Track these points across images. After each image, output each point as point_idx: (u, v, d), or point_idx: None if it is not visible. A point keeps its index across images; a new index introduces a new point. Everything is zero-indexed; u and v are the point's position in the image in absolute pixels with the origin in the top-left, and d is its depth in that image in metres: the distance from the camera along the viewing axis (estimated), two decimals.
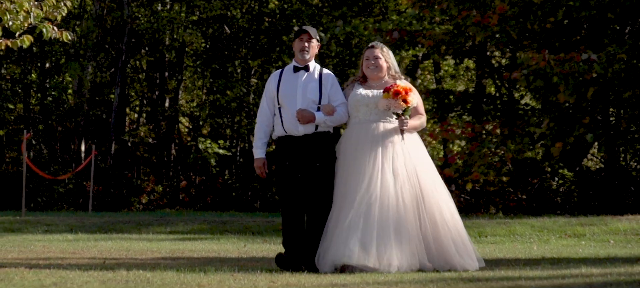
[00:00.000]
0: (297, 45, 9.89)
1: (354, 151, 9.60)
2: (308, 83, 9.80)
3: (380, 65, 9.74)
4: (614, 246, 14.18)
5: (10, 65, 29.35)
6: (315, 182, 9.68)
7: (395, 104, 9.49)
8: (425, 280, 9.47)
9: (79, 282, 9.84)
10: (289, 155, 9.73)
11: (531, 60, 19.26)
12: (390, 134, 9.61)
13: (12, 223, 17.74)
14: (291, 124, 9.71)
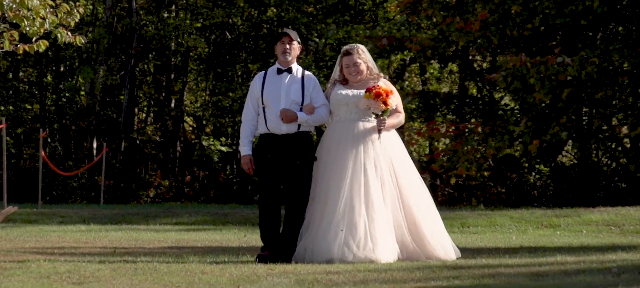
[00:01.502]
0: (279, 48, 9.80)
1: (335, 149, 9.51)
2: (291, 84, 9.69)
3: (360, 69, 9.59)
4: (586, 236, 14.18)
5: (27, 69, 29.33)
6: (294, 179, 9.57)
7: (375, 105, 9.40)
8: (412, 268, 9.46)
9: (91, 270, 9.83)
10: (271, 152, 9.63)
11: (509, 62, 19.29)
12: (370, 132, 9.50)
13: (29, 215, 17.73)
14: (274, 123, 9.61)
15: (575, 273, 8.95)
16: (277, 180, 9.62)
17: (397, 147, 9.68)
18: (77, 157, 28.78)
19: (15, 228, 15.27)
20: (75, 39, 12.53)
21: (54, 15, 12.21)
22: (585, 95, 19.94)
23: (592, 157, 21.61)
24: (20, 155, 29.02)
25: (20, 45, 12.13)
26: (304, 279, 8.76)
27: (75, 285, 8.90)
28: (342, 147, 9.47)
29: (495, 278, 8.86)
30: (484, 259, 10.29)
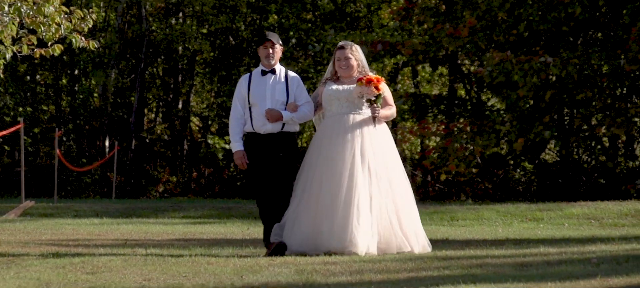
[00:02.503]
0: (262, 51, 9.71)
1: (328, 141, 9.47)
2: (275, 85, 9.62)
3: (351, 64, 9.54)
4: (568, 228, 14.20)
5: (43, 72, 29.34)
6: (279, 173, 9.52)
7: (368, 91, 9.35)
8: (404, 259, 9.47)
9: (104, 260, 9.84)
10: (256, 151, 9.57)
11: (495, 58, 19.32)
12: (361, 124, 9.44)
13: (45, 209, 17.74)
14: (259, 122, 9.55)
15: (557, 264, 8.97)
16: (266, 179, 9.56)
17: (386, 138, 9.61)
18: (90, 154, 28.78)
19: (33, 222, 15.28)
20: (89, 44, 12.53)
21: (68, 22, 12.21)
22: (567, 96, 19.97)
23: (573, 155, 21.62)
24: (37, 153, 29.03)
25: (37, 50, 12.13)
26: (303, 269, 8.77)
27: (89, 275, 8.91)
28: (334, 139, 9.43)
29: (483, 268, 8.87)
30: (472, 250, 10.31)
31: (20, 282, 8.59)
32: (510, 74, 19.19)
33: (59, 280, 8.64)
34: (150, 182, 28.90)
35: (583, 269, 8.44)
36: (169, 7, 30.17)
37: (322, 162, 9.44)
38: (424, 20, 21.48)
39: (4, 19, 11.67)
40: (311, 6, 29.16)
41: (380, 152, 9.49)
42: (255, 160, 9.58)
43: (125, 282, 8.46)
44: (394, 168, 9.59)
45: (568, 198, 18.86)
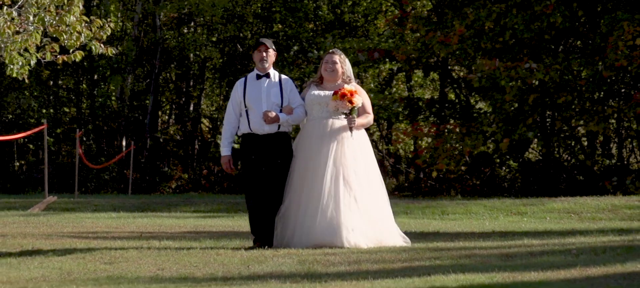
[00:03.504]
0: (256, 56, 9.57)
1: (309, 144, 9.37)
2: (270, 88, 9.48)
3: (336, 69, 9.43)
4: (549, 222, 14.21)
5: (65, 77, 29.35)
6: (275, 175, 9.40)
7: (342, 105, 9.24)
8: (399, 251, 9.46)
9: (121, 251, 9.84)
10: (253, 150, 9.47)
11: (484, 66, 19.36)
12: (340, 130, 9.32)
13: (67, 204, 17.75)
14: (257, 124, 9.43)
15: (540, 254, 8.97)
16: (261, 178, 9.45)
17: (364, 143, 9.50)
18: (108, 153, 28.78)
19: (55, 215, 15.29)
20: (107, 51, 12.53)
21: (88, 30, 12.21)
22: (549, 100, 19.97)
23: (555, 154, 21.62)
24: (59, 152, 29.04)
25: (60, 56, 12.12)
26: (305, 260, 8.78)
27: (107, 265, 8.91)
28: (314, 143, 9.33)
29: (471, 258, 8.87)
30: (461, 242, 10.30)
31: (43, 271, 8.59)
32: (498, 80, 19.21)
33: (79, 269, 8.64)
34: (163, 178, 28.91)
35: (564, 259, 8.44)
36: (181, 17, 30.19)
37: (303, 164, 9.34)
38: (417, 28, 21.46)
39: (28, 28, 11.67)
40: (313, 16, 29.18)
41: (359, 156, 9.38)
42: (252, 155, 9.47)
43: (140, 271, 8.47)
44: (370, 171, 9.47)
45: (549, 194, 18.86)
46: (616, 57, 18.73)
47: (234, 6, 28.20)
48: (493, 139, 20.49)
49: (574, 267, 7.94)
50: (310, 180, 9.24)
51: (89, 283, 7.96)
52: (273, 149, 9.43)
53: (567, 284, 7.15)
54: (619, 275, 7.42)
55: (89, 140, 28.91)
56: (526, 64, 19.07)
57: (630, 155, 23.24)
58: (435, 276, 7.73)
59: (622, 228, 12.02)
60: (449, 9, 21.02)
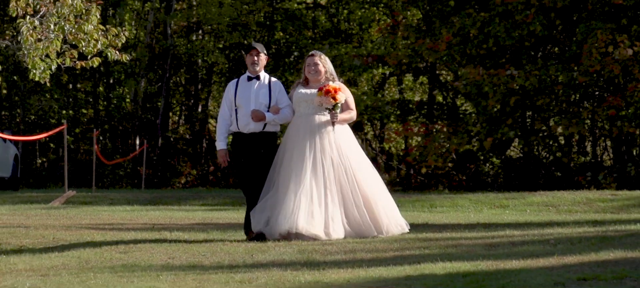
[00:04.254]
0: (248, 59, 9.50)
1: (296, 138, 9.28)
2: (260, 90, 9.39)
3: (319, 70, 9.34)
4: (529, 214, 14.22)
5: (83, 81, 29.35)
6: (260, 166, 9.30)
7: (326, 101, 9.17)
8: (391, 240, 9.47)
9: (135, 241, 9.84)
10: (242, 148, 9.36)
11: (469, 74, 19.38)
12: (326, 124, 9.25)
13: (85, 198, 17.75)
14: (244, 122, 9.32)
15: (520, 244, 8.98)
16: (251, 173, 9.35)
17: (348, 137, 9.40)
18: (122, 151, 28.79)
19: (74, 208, 15.29)
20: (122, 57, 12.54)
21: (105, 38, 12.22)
22: (529, 102, 19.99)
23: (534, 152, 21.64)
24: (78, 150, 29.05)
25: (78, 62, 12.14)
26: (304, 249, 8.78)
27: (122, 254, 8.91)
28: (301, 137, 9.24)
29: (457, 248, 8.88)
30: (448, 233, 10.31)
31: (63, 260, 8.59)
32: (482, 86, 19.22)
33: (96, 258, 8.65)
34: (174, 174, 28.91)
35: (542, 249, 8.45)
36: (190, 25, 30.21)
37: (290, 157, 9.25)
38: (407, 36, 21.47)
39: (49, 36, 11.67)
40: (311, 24, 29.19)
41: (344, 148, 9.28)
42: (240, 157, 9.38)
43: (152, 260, 8.47)
44: (358, 162, 9.37)
45: (529, 189, 18.87)
46: (590, 63, 18.75)
47: (239, 15, 28.21)
48: (477, 138, 20.51)
49: (552, 255, 7.95)
50: (295, 171, 9.13)
51: (105, 271, 7.96)
52: (258, 147, 9.33)
53: (545, 271, 7.15)
54: (593, 263, 7.43)
55: (105, 139, 28.92)
56: (507, 71, 19.12)
57: (603, 153, 23.28)
58: (425, 264, 7.74)
59: (596, 220, 12.04)
60: (437, 18, 21.04)
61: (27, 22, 11.59)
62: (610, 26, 18.94)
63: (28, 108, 28.52)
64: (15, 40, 12.05)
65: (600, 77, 19.71)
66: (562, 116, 20.09)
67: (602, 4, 19.20)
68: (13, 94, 28.58)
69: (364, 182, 9.32)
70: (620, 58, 18.62)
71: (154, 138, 28.61)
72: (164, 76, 28.85)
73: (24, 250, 9.49)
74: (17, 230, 10.68)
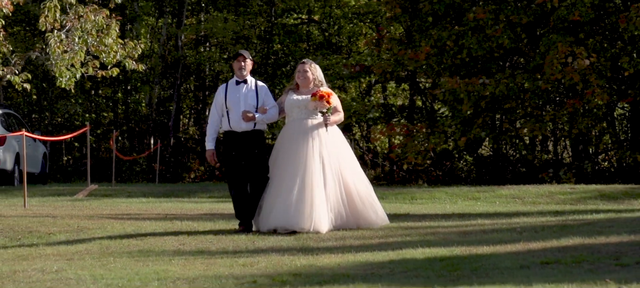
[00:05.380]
0: (236, 65, 9.32)
1: (289, 141, 9.15)
2: (247, 93, 9.23)
3: (308, 77, 9.18)
4: (498, 205, 14.25)
5: (104, 88, 29.32)
6: (254, 164, 9.15)
7: (320, 105, 9.04)
8: (376, 229, 9.47)
9: (150, 229, 9.85)
10: (233, 146, 9.21)
11: (447, 83, 19.42)
12: (317, 127, 9.11)
13: (105, 191, 17.74)
14: (236, 123, 9.17)
15: (490, 232, 9.01)
16: (240, 168, 9.18)
17: (338, 139, 9.28)
18: (139, 149, 28.76)
19: (95, 201, 15.28)
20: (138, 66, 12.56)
21: (123, 50, 12.23)
22: (498, 106, 20.02)
23: (503, 150, 21.67)
24: (99, 149, 29.02)
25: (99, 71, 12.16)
26: (299, 236, 8.80)
27: (138, 241, 8.92)
28: (294, 140, 9.10)
29: (435, 235, 8.90)
30: (427, 222, 10.33)
31: (86, 246, 8.60)
32: (457, 93, 19.25)
33: (115, 244, 8.65)
34: (184, 170, 28.88)
35: (510, 236, 8.47)
36: (198, 38, 30.20)
37: (285, 158, 9.11)
38: (391, 47, 21.48)
39: (74, 48, 11.68)
40: (306, 38, 29.21)
41: (333, 149, 9.15)
42: (232, 152, 9.20)
43: (165, 246, 8.48)
44: (347, 160, 9.24)
45: (498, 183, 18.91)
46: (552, 72, 18.80)
47: (241, 29, 28.21)
48: (452, 138, 20.54)
49: (518, 242, 7.97)
50: (293, 170, 8.99)
51: (123, 256, 7.96)
52: (250, 144, 9.17)
53: (512, 256, 7.17)
54: (554, 248, 7.45)
55: (124, 139, 28.89)
56: (480, 80, 19.18)
57: (563, 151, 23.33)
58: (406, 250, 7.75)
59: (557, 210, 12.08)
60: (417, 32, 21.06)
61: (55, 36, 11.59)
62: (569, 39, 18.98)
63: (55, 112, 28.47)
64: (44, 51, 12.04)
65: (561, 84, 19.77)
66: (527, 119, 20.14)
67: (562, 19, 19.24)
68: (42, 99, 28.54)
69: (351, 180, 9.22)
70: (579, 68, 18.67)
71: (167, 138, 28.59)
72: (176, 83, 28.83)
73: (52, 237, 9.48)
74: (45, 219, 10.67)
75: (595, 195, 15.43)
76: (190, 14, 30.22)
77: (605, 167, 21.44)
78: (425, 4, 20.19)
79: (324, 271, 6.83)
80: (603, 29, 19.99)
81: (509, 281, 5.89)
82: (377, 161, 27.49)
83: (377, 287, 5.83)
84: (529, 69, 19.91)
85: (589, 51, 18.98)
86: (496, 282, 5.86)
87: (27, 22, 26.80)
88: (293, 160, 9.06)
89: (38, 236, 9.48)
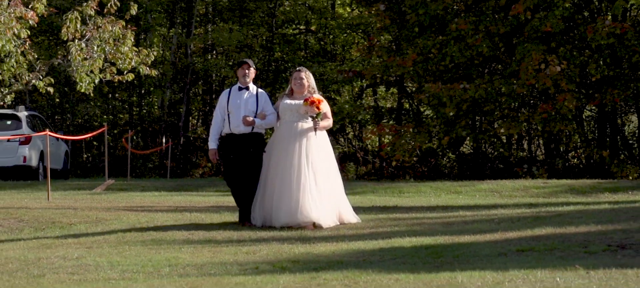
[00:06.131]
0: (240, 72, 9.21)
1: (281, 142, 8.99)
2: (248, 99, 9.09)
3: (303, 83, 9.00)
4: (478, 198, 14.26)
5: (120, 92, 29.27)
6: (248, 164, 9.01)
7: (311, 110, 8.89)
8: (367, 220, 9.47)
9: (162, 220, 9.85)
10: (232, 147, 9.06)
11: (431, 88, 19.44)
12: (307, 130, 8.95)
13: (121, 185, 17.72)
14: (235, 126, 9.03)
15: (471, 222, 9.02)
16: (237, 167, 9.04)
17: (325, 142, 9.10)
18: (152, 147, 28.74)
19: (113, 194, 15.26)
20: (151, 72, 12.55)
21: (137, 57, 12.22)
22: (478, 108, 20.04)
23: (482, 148, 21.69)
24: (116, 147, 28.96)
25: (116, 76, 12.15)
26: (298, 227, 8.79)
27: (151, 231, 8.91)
28: (286, 141, 8.95)
29: (421, 226, 8.91)
30: (413, 214, 10.33)
31: (104, 235, 8.60)
32: (441, 97, 19.27)
33: (130, 234, 8.65)
34: (192, 166, 28.85)
35: (489, 226, 8.48)
36: (206, 47, 30.18)
37: (276, 158, 8.96)
38: (380, 55, 21.48)
39: (93, 56, 11.68)
40: (304, 46, 29.22)
41: (321, 151, 8.99)
42: (231, 153, 9.08)
43: (175, 235, 8.48)
44: (329, 162, 9.08)
45: (478, 178, 18.92)
46: (526, 77, 18.83)
47: (245, 39, 28.19)
48: (437, 137, 20.55)
49: (496, 231, 7.98)
50: (283, 170, 8.84)
51: (137, 244, 7.96)
52: (247, 145, 9.04)
53: (491, 244, 7.18)
54: (528, 237, 7.47)
55: (138, 138, 28.84)
56: (461, 85, 19.20)
57: (536, 149, 23.36)
58: (395, 239, 7.76)
59: (531, 203, 12.09)
60: (404, 41, 21.08)
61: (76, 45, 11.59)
62: (542, 48, 19.02)
63: (76, 113, 28.44)
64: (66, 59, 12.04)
65: (535, 89, 19.81)
66: (505, 120, 20.16)
67: (535, 30, 19.28)
68: (64, 102, 28.51)
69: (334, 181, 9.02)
70: (551, 74, 18.71)
71: (177, 137, 28.56)
72: (185, 87, 28.80)
73: (73, 227, 9.48)
74: (67, 211, 10.67)
75: (566, 189, 15.45)
76: (199, 24, 30.21)
77: (575, 163, 21.48)
78: (411, 15, 20.22)
79: (320, 258, 6.84)
80: (572, 38, 20.03)
81: (487, 267, 5.90)
82: (368, 158, 27.48)
83: (368, 272, 5.83)
84: (505, 74, 19.95)
85: (560, 59, 19.03)
86: (476, 268, 5.87)
87: (51, 32, 26.74)
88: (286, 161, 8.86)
89: (60, 226, 9.48)
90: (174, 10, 29.17)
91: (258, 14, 28.89)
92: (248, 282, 5.67)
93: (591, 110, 21.77)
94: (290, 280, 5.65)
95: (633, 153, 20.95)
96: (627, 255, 6.34)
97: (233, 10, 29.51)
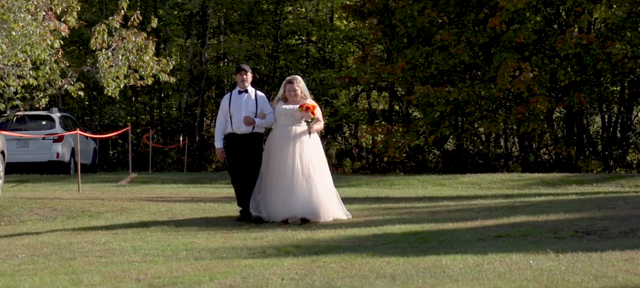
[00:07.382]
0: (239, 77, 9.09)
1: (277, 145, 8.83)
2: (248, 101, 8.94)
3: (297, 93, 8.81)
4: (460, 190, 14.27)
5: (142, 95, 29.25)
6: (248, 161, 8.87)
7: (306, 115, 8.71)
8: (361, 209, 9.47)
9: (179, 210, 9.85)
10: (235, 146, 8.93)
11: (420, 90, 19.48)
12: (301, 134, 8.77)
13: (143, 178, 17.72)
14: (237, 126, 8.89)
15: (454, 211, 9.02)
16: (240, 164, 8.91)
17: (317, 144, 8.91)
18: (170, 145, 28.73)
19: (135, 186, 15.26)
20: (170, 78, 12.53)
21: (158, 65, 12.21)
22: (460, 110, 20.05)
23: (464, 146, 21.69)
24: (138, 145, 28.95)
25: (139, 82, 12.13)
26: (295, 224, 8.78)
27: (170, 218, 8.92)
28: (281, 143, 8.78)
29: (410, 215, 8.91)
30: (403, 204, 10.35)
31: (128, 222, 8.59)
32: (429, 100, 19.31)
33: (152, 221, 8.65)
34: (207, 161, 28.84)
35: (470, 215, 8.49)
36: (219, 55, 30.17)
37: (272, 159, 8.80)
38: (374, 63, 21.47)
39: (119, 63, 11.69)
40: (305, 55, 29.22)
41: (314, 152, 8.81)
42: (234, 151, 8.95)
43: (193, 223, 8.49)
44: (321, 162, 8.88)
45: (460, 172, 18.93)
46: (503, 82, 18.86)
47: (253, 48, 28.18)
48: (424, 136, 20.55)
49: (476, 219, 7.99)
50: (280, 170, 8.69)
51: (158, 230, 7.97)
52: (248, 144, 8.91)
53: (472, 231, 7.18)
54: (506, 224, 7.47)
55: (158, 136, 28.83)
56: (446, 88, 19.27)
57: (512, 146, 23.34)
58: (386, 226, 7.77)
59: (507, 194, 12.10)
60: (395, 50, 21.10)
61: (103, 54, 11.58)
62: (517, 56, 19.06)
63: (103, 115, 28.44)
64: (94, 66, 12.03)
65: (510, 92, 19.82)
66: (484, 120, 20.17)
67: (510, 41, 19.34)
68: (92, 104, 28.51)
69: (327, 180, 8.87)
70: (524, 80, 18.74)
71: (193, 135, 28.55)
72: (200, 92, 28.79)
73: (100, 215, 9.48)
74: (95, 201, 10.68)
75: (538, 182, 15.46)
76: (212, 35, 30.18)
77: (546, 159, 21.48)
78: (401, 28, 20.25)
79: (320, 243, 6.85)
80: (544, 48, 20.05)
81: (469, 251, 5.91)
82: (363, 155, 27.48)
83: (363, 256, 5.84)
84: (485, 80, 19.97)
85: (532, 66, 19.06)
86: (459, 251, 5.88)
87: (81, 42, 26.70)
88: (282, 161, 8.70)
89: (89, 215, 9.48)
90: (190, 23, 29.19)
91: (265, 26, 28.89)
92: (256, 264, 5.68)
93: (560, 111, 21.79)
94: (294, 262, 5.66)
95: (597, 149, 20.98)
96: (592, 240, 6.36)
97: (242, 22, 29.51)
